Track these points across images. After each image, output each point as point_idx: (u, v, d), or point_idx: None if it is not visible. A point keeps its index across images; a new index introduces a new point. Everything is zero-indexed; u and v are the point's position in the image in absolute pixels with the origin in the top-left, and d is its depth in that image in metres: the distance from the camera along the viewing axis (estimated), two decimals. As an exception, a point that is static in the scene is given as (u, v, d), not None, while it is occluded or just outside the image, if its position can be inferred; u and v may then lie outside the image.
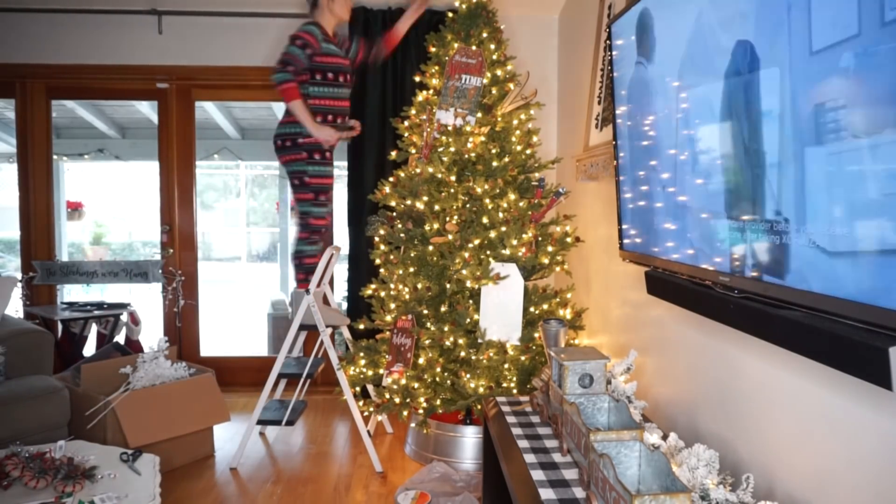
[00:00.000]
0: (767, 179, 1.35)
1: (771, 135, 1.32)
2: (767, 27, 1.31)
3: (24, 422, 2.70)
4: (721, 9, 1.49)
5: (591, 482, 1.41)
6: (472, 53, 3.00)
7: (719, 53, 1.50)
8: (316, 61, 3.04)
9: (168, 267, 4.13)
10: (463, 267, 2.81)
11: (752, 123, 1.39)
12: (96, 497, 2.00)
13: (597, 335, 3.09)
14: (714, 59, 1.53)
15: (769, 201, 1.35)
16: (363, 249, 3.80)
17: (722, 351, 1.84)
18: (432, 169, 2.94)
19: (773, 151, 1.32)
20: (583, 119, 3.35)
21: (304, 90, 3.03)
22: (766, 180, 1.35)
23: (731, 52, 1.45)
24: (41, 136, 4.07)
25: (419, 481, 2.67)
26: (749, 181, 1.42)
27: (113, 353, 3.28)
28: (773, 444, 1.57)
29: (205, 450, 3.14)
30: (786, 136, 1.28)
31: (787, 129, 1.27)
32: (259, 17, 3.95)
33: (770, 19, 1.30)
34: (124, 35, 3.97)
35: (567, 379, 1.83)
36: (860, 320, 1.11)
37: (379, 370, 2.96)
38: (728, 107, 1.49)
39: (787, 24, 1.24)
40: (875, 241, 1.06)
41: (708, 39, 1.56)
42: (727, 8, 1.47)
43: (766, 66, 1.33)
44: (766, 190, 1.35)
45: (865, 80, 1.05)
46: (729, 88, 1.48)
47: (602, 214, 2.99)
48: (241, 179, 10.99)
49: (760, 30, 1.34)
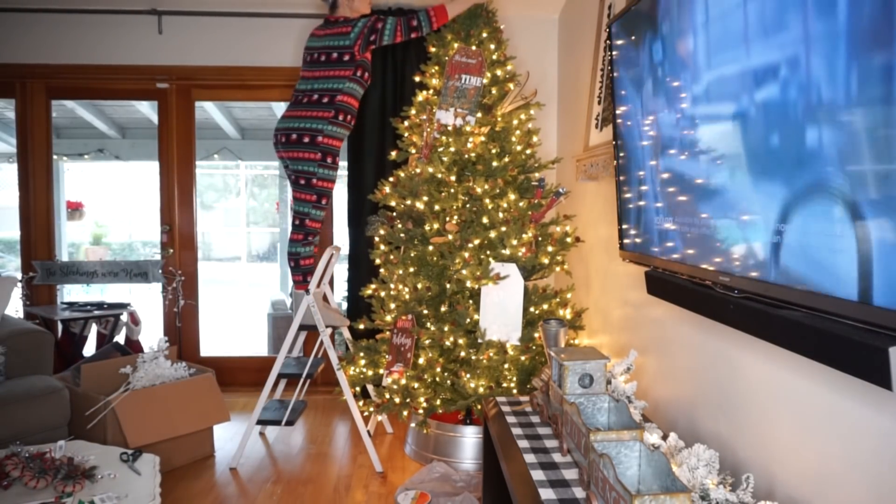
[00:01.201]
0: (768, 179, 1.35)
1: (772, 134, 1.32)
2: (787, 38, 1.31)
3: (24, 422, 2.70)
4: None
5: (591, 482, 1.41)
6: (472, 53, 3.00)
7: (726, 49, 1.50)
8: (366, 56, 2.98)
9: (168, 267, 4.13)
10: (463, 267, 2.81)
11: (753, 123, 1.39)
12: (96, 497, 2.00)
13: (597, 335, 3.09)
14: (721, 54, 1.53)
15: (769, 201, 1.34)
16: (363, 249, 3.80)
17: (722, 351, 1.84)
18: (432, 169, 2.94)
19: (773, 151, 1.32)
20: (583, 119, 3.35)
21: (340, 84, 2.96)
22: (767, 180, 1.35)
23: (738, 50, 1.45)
24: (41, 136, 4.08)
25: (419, 481, 2.68)
26: (749, 181, 1.42)
27: (113, 353, 3.28)
28: (773, 444, 1.57)
29: (205, 450, 3.14)
30: (787, 135, 1.27)
31: (788, 127, 1.27)
32: (259, 17, 3.95)
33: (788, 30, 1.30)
34: (124, 35, 3.97)
35: (567, 379, 1.83)
36: (860, 320, 1.11)
37: (379, 370, 2.96)
38: (730, 105, 1.49)
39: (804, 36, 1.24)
40: (875, 241, 1.06)
41: (723, 32, 1.56)
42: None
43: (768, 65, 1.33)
44: (767, 190, 1.35)
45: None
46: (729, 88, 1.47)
47: (602, 214, 2.99)
48: (241, 179, 11.00)
49: (780, 34, 1.34)
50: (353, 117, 3.08)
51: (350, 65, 2.96)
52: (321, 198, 3.07)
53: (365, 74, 3.03)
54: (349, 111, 3.04)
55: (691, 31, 1.63)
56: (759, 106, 1.35)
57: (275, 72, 4.00)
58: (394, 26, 2.94)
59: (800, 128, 1.22)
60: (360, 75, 2.99)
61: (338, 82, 2.96)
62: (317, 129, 2.96)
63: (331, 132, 2.98)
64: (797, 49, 1.22)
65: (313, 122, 2.96)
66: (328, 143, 2.99)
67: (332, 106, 2.96)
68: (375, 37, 2.94)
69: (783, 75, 1.26)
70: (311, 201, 3.06)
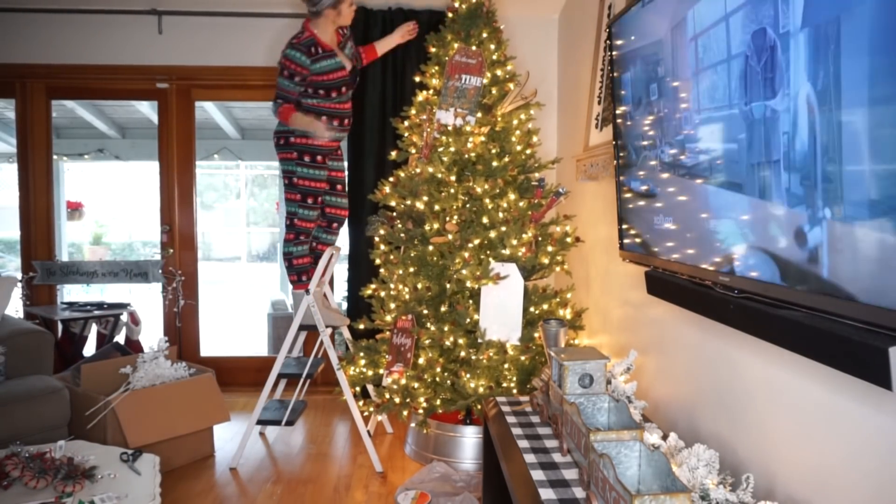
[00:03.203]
0: (768, 179, 1.35)
1: (773, 134, 1.32)
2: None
3: (24, 422, 2.70)
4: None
5: (591, 482, 1.41)
6: (472, 53, 3.00)
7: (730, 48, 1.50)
8: (309, 81, 2.98)
9: (168, 267, 4.13)
10: (463, 267, 2.81)
11: (753, 123, 1.39)
12: (96, 497, 2.00)
13: (597, 335, 3.09)
14: (723, 53, 1.53)
15: (769, 201, 1.34)
16: (363, 249, 3.80)
17: (722, 351, 1.84)
18: (432, 169, 2.94)
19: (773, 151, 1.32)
20: (583, 119, 3.35)
21: (300, 97, 3.00)
22: (767, 180, 1.35)
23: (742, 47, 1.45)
24: (41, 136, 4.07)
25: (419, 481, 2.68)
26: (749, 180, 1.42)
27: (113, 353, 3.28)
28: (773, 444, 1.57)
29: (205, 450, 3.14)
30: (788, 134, 1.28)
31: (791, 126, 1.27)
32: (259, 17, 3.95)
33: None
34: (124, 35, 3.97)
35: (567, 379, 1.83)
36: (860, 320, 1.11)
37: (379, 370, 2.96)
38: (725, 103, 1.49)
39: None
40: (875, 242, 1.06)
41: (722, 33, 1.56)
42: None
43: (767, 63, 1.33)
44: (767, 189, 1.35)
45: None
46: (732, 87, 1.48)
47: (602, 214, 2.99)
48: (241, 179, 11.00)
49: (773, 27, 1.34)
50: (334, 118, 3.07)
51: (298, 93, 3.01)
52: (306, 197, 3.11)
53: (320, 91, 2.99)
54: (325, 114, 3.03)
55: (692, 31, 1.63)
56: (758, 106, 1.36)
57: (274, 72, 3.96)
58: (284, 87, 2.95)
59: (800, 128, 1.22)
60: (313, 92, 2.99)
61: (298, 94, 3.01)
62: (289, 131, 3.05)
63: (302, 133, 3.01)
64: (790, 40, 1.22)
65: (285, 124, 3.05)
66: (302, 143, 3.04)
67: (300, 108, 3.01)
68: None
69: (781, 77, 1.26)
70: (296, 201, 3.12)
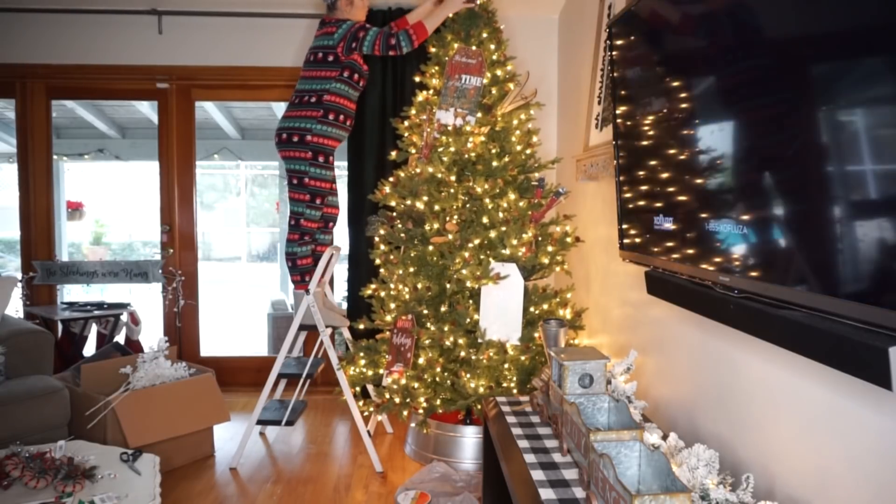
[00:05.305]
0: (768, 180, 1.35)
1: (774, 134, 1.32)
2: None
3: (24, 422, 2.70)
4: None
5: (591, 482, 1.41)
6: (472, 53, 3.00)
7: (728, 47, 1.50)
8: (352, 58, 2.96)
9: (168, 267, 4.13)
10: (463, 267, 2.81)
11: (753, 123, 1.39)
12: (96, 497, 2.00)
13: (597, 335, 3.09)
14: (722, 53, 1.53)
15: (769, 201, 1.34)
16: (363, 249, 3.80)
17: (722, 351, 1.84)
18: (432, 169, 2.94)
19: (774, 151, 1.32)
20: (583, 119, 3.35)
21: (327, 84, 2.96)
22: (767, 181, 1.35)
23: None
24: (41, 136, 4.07)
25: (419, 481, 2.67)
26: (749, 181, 1.42)
27: (113, 353, 3.28)
28: (773, 444, 1.57)
29: (205, 450, 3.14)
30: (789, 134, 1.28)
31: (791, 126, 1.27)
32: (259, 17, 3.95)
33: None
34: (124, 35, 3.97)
35: (567, 379, 1.83)
36: (860, 320, 1.11)
37: (379, 370, 2.96)
38: (731, 105, 1.49)
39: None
40: (875, 242, 1.06)
41: (720, 33, 1.56)
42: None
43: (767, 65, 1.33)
44: (767, 190, 1.35)
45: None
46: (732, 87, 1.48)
47: (602, 214, 2.99)
48: (241, 179, 11.00)
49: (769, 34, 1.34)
50: (347, 117, 3.06)
51: (336, 65, 2.96)
52: (315, 197, 3.07)
53: (354, 76, 3.00)
54: (341, 111, 3.02)
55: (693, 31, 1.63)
56: (758, 106, 1.36)
57: (275, 72, 4.00)
58: (374, 38, 2.90)
59: (799, 128, 1.22)
60: (348, 76, 2.98)
61: (325, 82, 2.96)
62: (305, 129, 2.98)
63: (320, 131, 2.98)
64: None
65: (302, 121, 2.98)
66: (318, 142, 2.99)
67: (321, 105, 2.96)
68: (356, 44, 2.92)
69: (777, 85, 1.26)
70: (304, 201, 3.07)
